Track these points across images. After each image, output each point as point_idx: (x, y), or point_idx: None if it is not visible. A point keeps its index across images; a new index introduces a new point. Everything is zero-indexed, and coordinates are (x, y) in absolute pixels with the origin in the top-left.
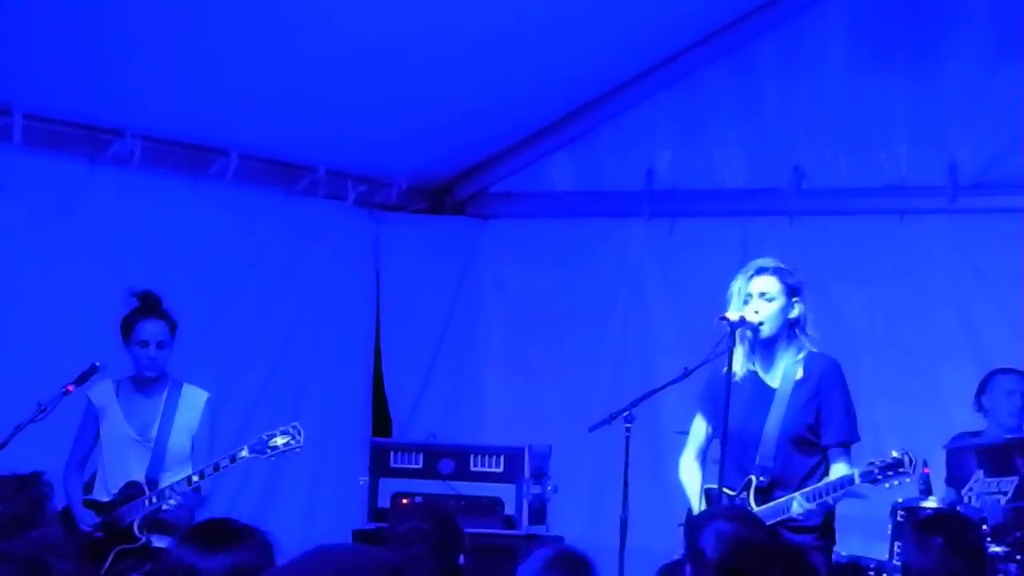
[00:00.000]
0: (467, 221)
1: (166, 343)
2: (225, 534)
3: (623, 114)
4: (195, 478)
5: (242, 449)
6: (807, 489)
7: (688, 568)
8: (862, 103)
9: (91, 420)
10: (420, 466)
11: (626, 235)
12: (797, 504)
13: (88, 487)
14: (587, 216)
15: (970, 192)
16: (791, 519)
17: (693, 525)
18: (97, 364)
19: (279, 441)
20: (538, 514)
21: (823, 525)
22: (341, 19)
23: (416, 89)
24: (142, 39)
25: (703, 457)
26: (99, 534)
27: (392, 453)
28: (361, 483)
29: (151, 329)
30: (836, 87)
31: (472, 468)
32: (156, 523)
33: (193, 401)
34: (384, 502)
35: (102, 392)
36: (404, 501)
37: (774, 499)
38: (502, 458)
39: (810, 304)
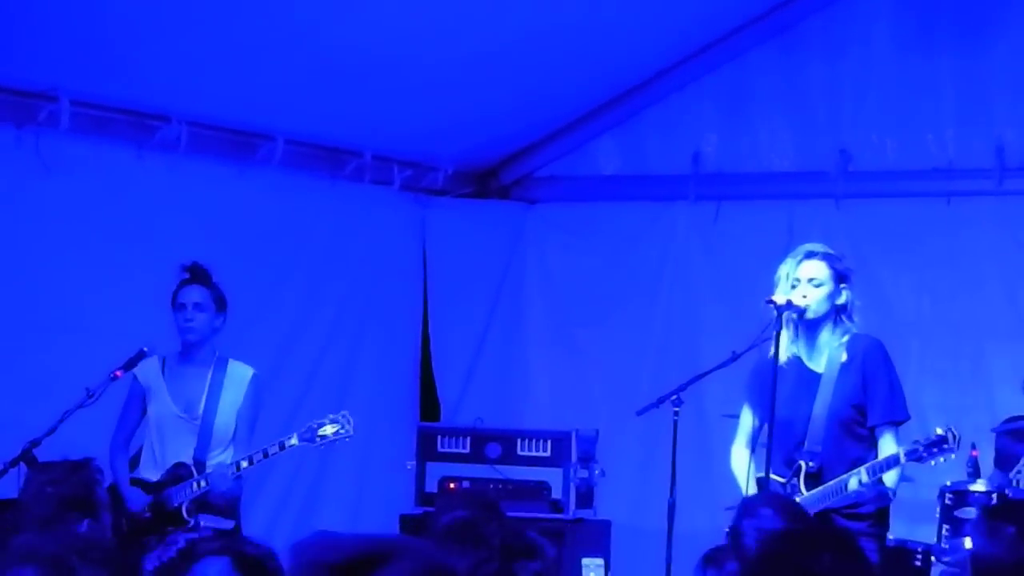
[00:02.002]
0: (513, 205)
1: (205, 307)
2: None
3: (669, 97)
4: (244, 463)
5: (291, 437)
6: (866, 465)
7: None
8: (909, 85)
9: (136, 398)
10: (467, 450)
11: (672, 219)
12: (856, 481)
13: (133, 463)
14: (633, 200)
15: (1018, 174)
16: (847, 505)
17: (735, 520)
18: (144, 350)
19: (328, 430)
20: (585, 498)
21: (877, 512)
22: (386, 5)
23: (462, 74)
24: (188, 25)
25: (753, 446)
26: (148, 515)
27: (439, 437)
28: (408, 468)
29: (189, 293)
30: (882, 69)
31: (519, 452)
32: (204, 505)
33: (239, 377)
34: (431, 487)
35: (148, 369)
36: (451, 485)
37: (823, 484)
38: (549, 442)
39: (857, 291)
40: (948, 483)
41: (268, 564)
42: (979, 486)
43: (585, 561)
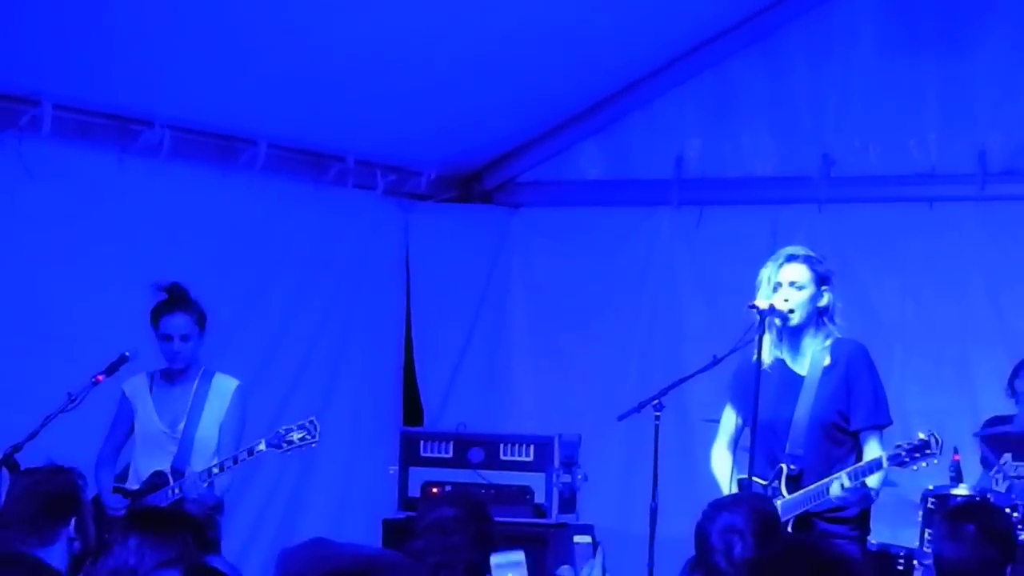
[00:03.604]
0: (496, 210)
1: (191, 336)
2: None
3: (652, 102)
4: (215, 469)
5: (259, 443)
6: (847, 469)
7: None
8: (892, 90)
9: (125, 413)
10: (450, 455)
11: (655, 223)
12: (838, 485)
13: (121, 478)
14: (616, 205)
15: (1000, 179)
16: (828, 509)
17: (702, 519)
18: (127, 354)
19: (295, 436)
20: (568, 503)
21: (859, 516)
22: (369, 9)
23: (445, 78)
24: (171, 29)
25: (734, 447)
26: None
27: (422, 442)
28: (391, 472)
29: (174, 323)
30: (866, 74)
31: (502, 457)
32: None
33: (222, 390)
34: (414, 491)
35: (136, 386)
36: (434, 490)
37: (804, 487)
38: (532, 447)
39: (839, 293)
40: (930, 487)
41: None
42: (961, 490)
43: (576, 538)
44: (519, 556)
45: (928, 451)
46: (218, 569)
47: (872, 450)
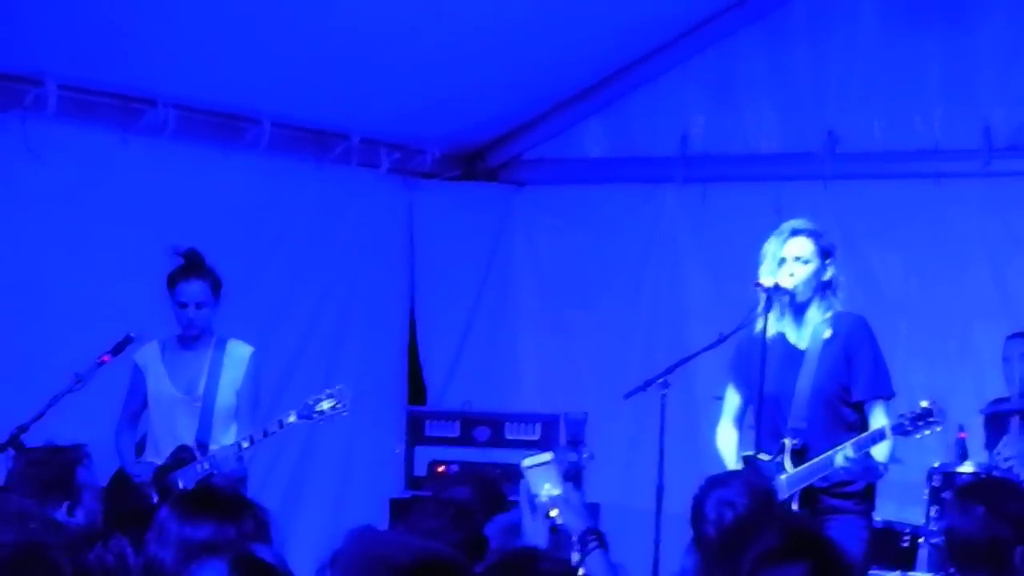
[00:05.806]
0: (501, 188)
1: (206, 303)
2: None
3: (656, 79)
4: (244, 443)
5: (289, 415)
6: (851, 441)
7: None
8: (896, 66)
9: (138, 382)
10: (456, 434)
11: (660, 201)
12: (842, 456)
13: (139, 449)
14: (620, 182)
15: (1005, 155)
16: (834, 484)
17: (699, 491)
18: (132, 335)
19: (325, 405)
20: (574, 481)
21: (864, 491)
22: None
23: (449, 56)
24: (174, 8)
25: (740, 424)
26: (153, 495)
27: (427, 421)
28: (397, 452)
29: (190, 290)
30: (870, 50)
31: (507, 436)
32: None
33: (238, 357)
34: (420, 470)
35: (147, 353)
36: (440, 469)
37: (808, 460)
38: (538, 425)
39: (842, 267)
40: (936, 464)
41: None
42: (967, 467)
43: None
44: (548, 456)
45: (931, 419)
46: (265, 560)
47: (877, 422)
